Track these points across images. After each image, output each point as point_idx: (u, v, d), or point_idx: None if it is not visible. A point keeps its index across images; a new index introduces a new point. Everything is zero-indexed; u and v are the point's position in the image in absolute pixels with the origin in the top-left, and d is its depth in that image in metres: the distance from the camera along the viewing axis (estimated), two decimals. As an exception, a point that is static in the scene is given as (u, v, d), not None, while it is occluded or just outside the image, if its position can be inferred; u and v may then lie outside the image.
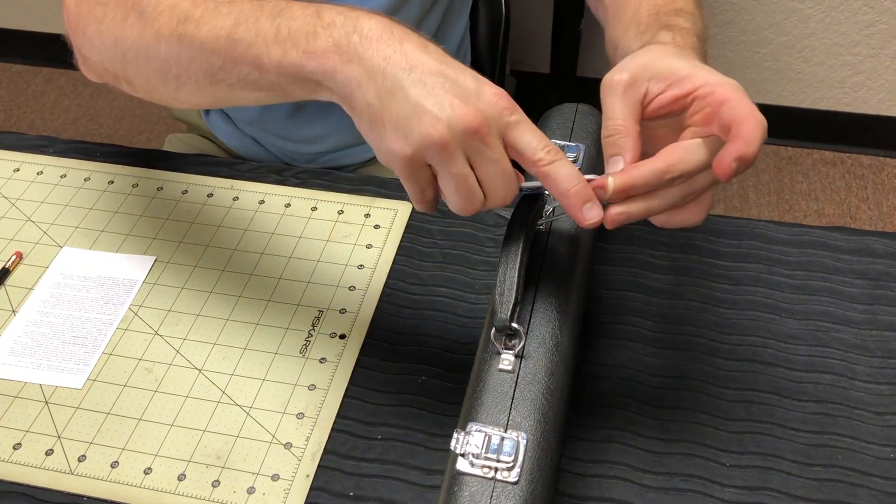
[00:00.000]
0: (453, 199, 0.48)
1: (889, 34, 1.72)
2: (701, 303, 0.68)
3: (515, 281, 0.50)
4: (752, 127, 0.46)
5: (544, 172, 0.47)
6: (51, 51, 2.20)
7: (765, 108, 0.50)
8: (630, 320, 0.67)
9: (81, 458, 0.60)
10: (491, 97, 0.46)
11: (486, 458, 0.45)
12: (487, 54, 1.15)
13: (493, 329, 0.51)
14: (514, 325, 0.50)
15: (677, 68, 0.50)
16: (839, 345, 0.64)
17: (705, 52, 0.59)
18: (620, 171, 0.48)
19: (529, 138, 0.46)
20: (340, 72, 0.47)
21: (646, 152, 0.50)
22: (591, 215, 0.47)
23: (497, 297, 0.50)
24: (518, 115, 0.46)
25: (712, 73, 0.50)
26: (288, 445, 0.60)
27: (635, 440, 0.59)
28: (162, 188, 0.80)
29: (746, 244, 0.72)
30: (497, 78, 1.17)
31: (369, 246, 0.73)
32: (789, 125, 1.87)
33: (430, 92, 0.45)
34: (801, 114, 1.86)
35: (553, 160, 0.47)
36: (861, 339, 0.65)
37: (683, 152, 0.48)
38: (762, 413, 0.60)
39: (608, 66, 0.68)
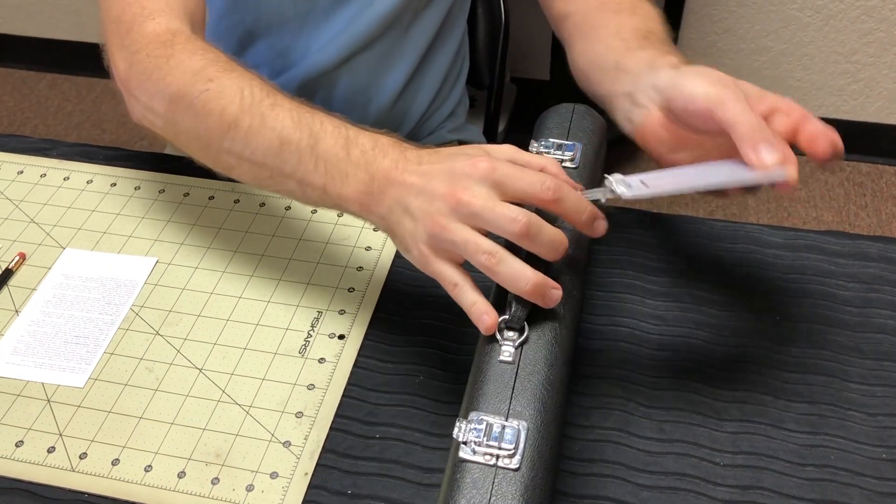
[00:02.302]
0: (482, 260, 0.50)
1: (887, 42, 1.73)
2: (696, 305, 0.68)
3: None
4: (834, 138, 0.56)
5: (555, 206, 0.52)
6: (54, 56, 2.22)
7: None
8: (625, 322, 0.67)
9: (83, 456, 0.60)
10: (465, 168, 0.52)
11: (488, 446, 0.46)
12: (487, 61, 1.16)
13: (499, 322, 0.51)
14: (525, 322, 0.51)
15: (755, 90, 0.57)
16: (832, 347, 0.65)
17: None
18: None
19: (523, 185, 0.51)
20: (372, 214, 0.56)
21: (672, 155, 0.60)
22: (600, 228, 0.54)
23: (514, 295, 0.51)
24: (501, 170, 0.51)
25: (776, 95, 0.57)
26: (287, 444, 0.60)
27: (630, 440, 0.60)
28: (164, 191, 0.81)
29: (741, 248, 0.73)
30: (497, 85, 1.17)
31: (368, 248, 0.74)
32: (788, 133, 1.88)
33: (427, 199, 0.52)
34: (800, 121, 1.87)
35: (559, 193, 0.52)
36: (854, 342, 0.65)
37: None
38: (756, 414, 0.61)
39: (580, 80, 0.72)
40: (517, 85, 1.90)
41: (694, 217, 0.76)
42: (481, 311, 0.52)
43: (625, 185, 0.53)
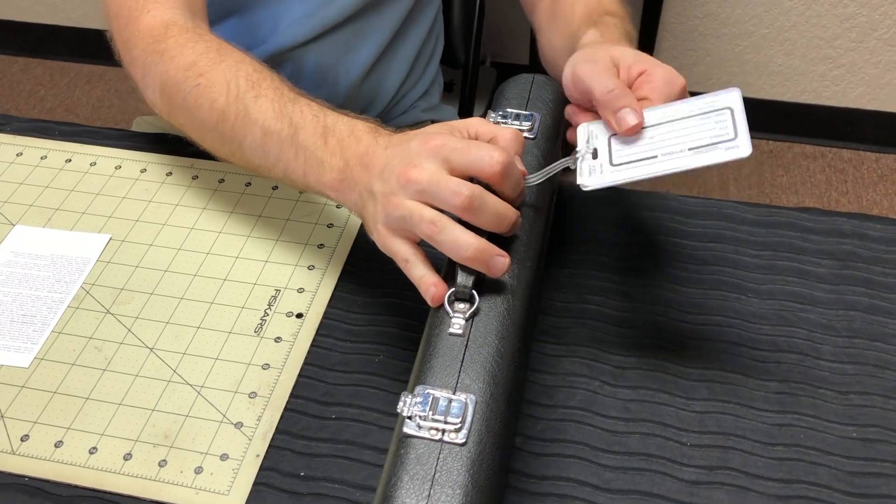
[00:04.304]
0: (425, 230, 0.50)
1: (868, 27, 1.71)
2: (665, 282, 0.66)
3: None
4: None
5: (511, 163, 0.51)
6: (28, 40, 2.17)
7: (745, 102, 0.52)
8: (592, 299, 0.65)
9: (24, 438, 0.58)
10: (418, 146, 0.51)
11: (434, 420, 0.44)
12: (462, 40, 1.14)
13: (448, 294, 0.50)
14: (473, 290, 0.49)
15: (629, 55, 0.59)
16: (805, 324, 0.63)
17: (634, 47, 0.66)
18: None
19: (469, 159, 0.50)
20: (348, 199, 0.57)
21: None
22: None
23: (459, 264, 0.50)
24: (449, 146, 0.50)
25: (652, 60, 0.59)
26: (239, 425, 0.58)
27: (594, 420, 0.58)
28: (120, 166, 0.78)
29: (714, 224, 0.71)
30: (472, 66, 1.15)
31: (331, 225, 0.72)
32: (770, 119, 1.87)
33: (385, 180, 0.52)
34: (782, 107, 1.85)
35: (508, 156, 0.51)
36: (827, 319, 0.64)
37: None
38: (725, 393, 0.59)
39: (548, 69, 0.72)
40: (497, 69, 1.87)
41: (665, 193, 0.74)
42: (429, 283, 0.51)
43: (589, 172, 0.54)
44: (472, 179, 0.50)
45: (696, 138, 0.52)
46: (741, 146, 0.50)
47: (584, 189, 0.53)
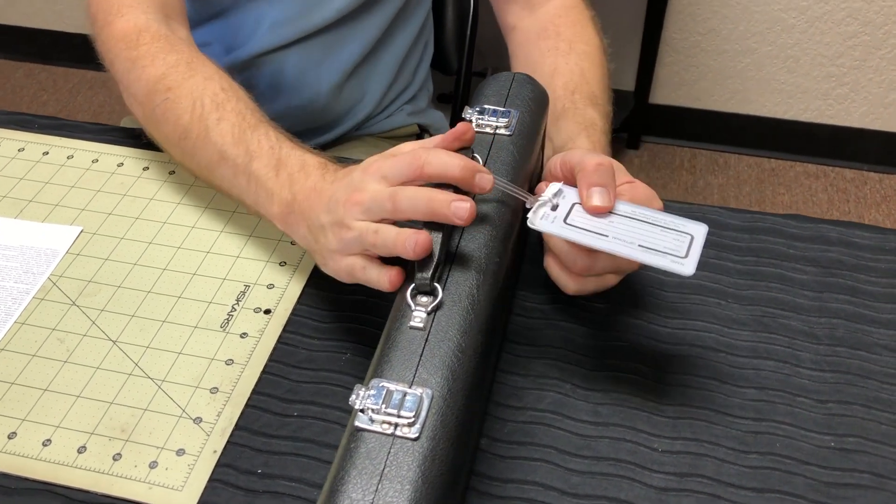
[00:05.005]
0: (371, 240, 0.51)
1: (872, 46, 1.70)
2: (642, 285, 0.65)
3: (440, 240, 0.49)
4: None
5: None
6: (31, 45, 2.19)
7: (747, 119, 0.52)
8: (566, 299, 0.64)
9: (-23, 429, 0.56)
10: (361, 175, 0.52)
11: (387, 414, 0.43)
12: (455, 48, 1.13)
13: (410, 287, 0.48)
14: (435, 283, 0.48)
15: (620, 168, 0.59)
16: (785, 331, 0.61)
17: (609, 146, 0.68)
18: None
19: (399, 170, 0.51)
20: (296, 233, 0.58)
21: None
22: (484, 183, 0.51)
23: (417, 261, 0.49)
24: (383, 166, 0.51)
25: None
26: (198, 420, 0.56)
27: (564, 423, 0.56)
28: (97, 160, 0.77)
29: (696, 229, 0.69)
30: (465, 73, 1.14)
31: (306, 222, 0.71)
32: (772, 137, 1.85)
33: (332, 210, 0.53)
34: (784, 125, 1.84)
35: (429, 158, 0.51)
36: (808, 326, 0.62)
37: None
38: (699, 398, 0.57)
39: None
40: (497, 82, 1.87)
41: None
42: (384, 271, 0.51)
43: (542, 216, 0.53)
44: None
45: (649, 241, 0.53)
46: (686, 265, 0.51)
47: (529, 225, 0.53)
